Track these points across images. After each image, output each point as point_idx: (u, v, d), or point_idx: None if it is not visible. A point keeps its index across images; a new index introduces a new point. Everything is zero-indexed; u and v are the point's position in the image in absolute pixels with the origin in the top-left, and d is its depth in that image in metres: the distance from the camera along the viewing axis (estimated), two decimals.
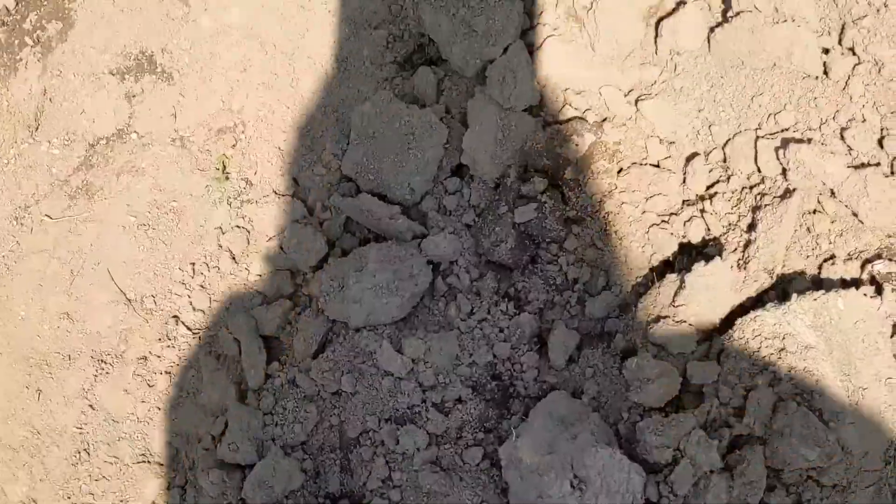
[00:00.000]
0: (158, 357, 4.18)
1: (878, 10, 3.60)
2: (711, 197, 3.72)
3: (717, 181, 3.75)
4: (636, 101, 3.86)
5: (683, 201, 3.77)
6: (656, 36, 3.80)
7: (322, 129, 4.25)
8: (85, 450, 4.11)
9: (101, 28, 4.60)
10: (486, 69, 3.93)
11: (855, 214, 3.55)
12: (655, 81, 3.85)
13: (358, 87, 4.23)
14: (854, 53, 3.62)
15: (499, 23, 3.84)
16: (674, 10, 3.84)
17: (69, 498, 4.08)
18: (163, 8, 4.53)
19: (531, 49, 3.95)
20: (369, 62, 4.24)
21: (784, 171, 3.58)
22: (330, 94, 4.28)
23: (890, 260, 3.50)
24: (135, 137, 4.48)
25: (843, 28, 3.64)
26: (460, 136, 3.99)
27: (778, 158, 3.59)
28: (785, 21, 3.63)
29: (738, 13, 3.68)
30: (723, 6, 3.82)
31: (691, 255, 3.75)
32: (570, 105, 3.92)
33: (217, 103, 4.40)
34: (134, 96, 4.52)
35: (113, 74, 4.54)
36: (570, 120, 3.90)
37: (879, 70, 3.59)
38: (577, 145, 3.76)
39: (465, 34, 3.86)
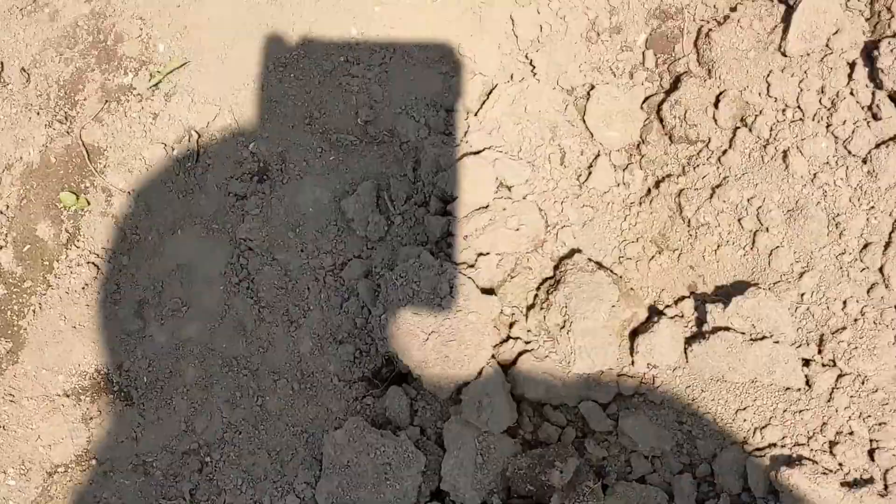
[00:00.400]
0: None
1: (854, 321, 3.68)
2: None
3: (707, 498, 3.75)
4: (616, 416, 3.86)
5: None
6: (632, 350, 3.84)
7: (291, 452, 4.25)
8: None
9: (53, 346, 4.61)
10: (461, 392, 3.92)
11: None
12: (634, 394, 3.88)
13: (327, 406, 4.26)
14: (836, 365, 3.67)
15: (471, 349, 3.87)
16: (648, 322, 3.89)
17: None
18: (117, 323, 4.54)
19: (505, 365, 3.96)
20: (337, 378, 4.28)
21: (776, 493, 3.59)
22: (297, 412, 4.31)
23: None
24: (94, 464, 4.45)
25: (821, 339, 3.71)
26: (438, 457, 4.00)
27: (769, 479, 3.59)
28: (763, 338, 3.68)
29: (714, 329, 3.74)
30: (696, 315, 3.86)
31: None
32: (549, 421, 3.97)
33: (179, 424, 4.40)
34: (91, 419, 4.51)
35: (68, 396, 4.54)
36: (549, 443, 3.89)
37: (863, 382, 3.66)
38: (560, 472, 3.78)
39: (437, 359, 3.89)
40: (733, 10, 4.15)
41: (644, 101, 4.21)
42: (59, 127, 4.85)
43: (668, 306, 3.98)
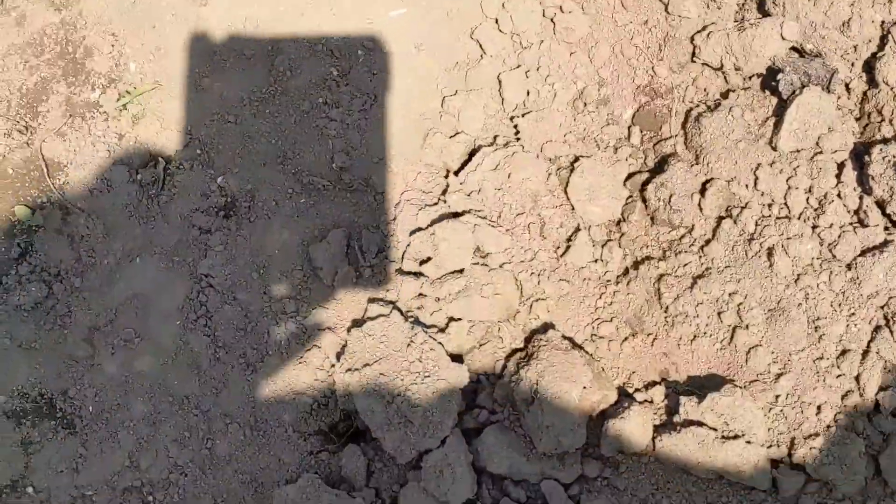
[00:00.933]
0: None
1: (827, 427, 3.36)
2: None
3: None
4: (578, 498, 3.31)
5: None
6: (600, 432, 3.23)
7: (239, 501, 3.65)
8: None
9: None
10: (422, 458, 3.28)
11: None
12: (598, 477, 3.31)
13: (279, 456, 3.62)
14: (804, 470, 3.15)
15: (437, 415, 3.28)
16: (617, 406, 3.31)
17: None
18: (65, 347, 3.79)
19: (468, 434, 3.33)
20: (292, 429, 3.63)
21: None
22: (248, 460, 3.67)
23: None
24: (31, 492, 3.78)
25: (792, 443, 3.18)
26: None
27: None
28: (735, 437, 3.11)
29: (685, 422, 3.18)
30: (666, 403, 3.27)
31: None
32: (509, 496, 3.50)
33: (123, 460, 3.70)
34: (31, 444, 3.77)
35: (8, 417, 3.79)
36: None
37: (830, 490, 3.18)
38: None
39: (401, 423, 3.25)
40: (724, 96, 3.59)
41: (627, 179, 3.58)
42: (19, 137, 4.06)
43: (637, 390, 3.45)
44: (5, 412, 3.99)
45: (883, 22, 3.58)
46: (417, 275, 3.73)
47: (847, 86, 3.65)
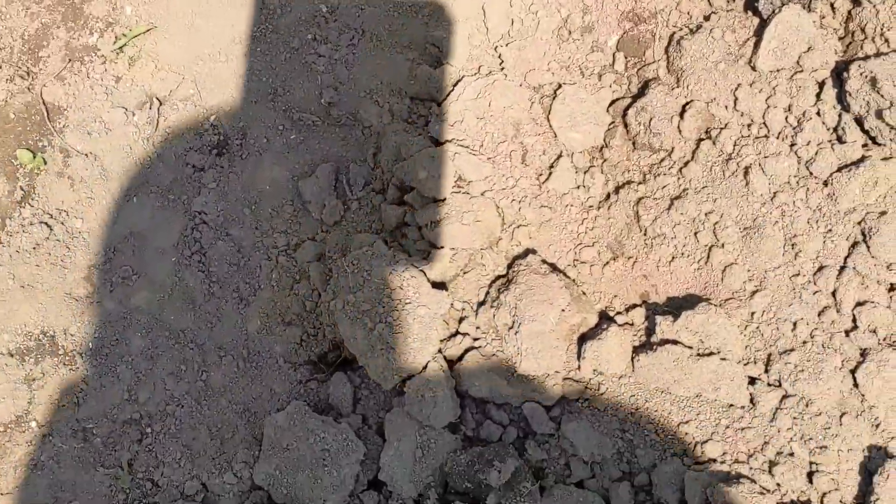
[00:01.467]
0: None
1: (803, 343, 3.40)
2: None
3: None
4: (559, 420, 3.54)
5: None
6: (579, 354, 3.50)
7: (232, 430, 3.92)
8: None
9: (0, 304, 4.16)
10: (405, 384, 3.58)
11: None
12: (578, 399, 3.57)
13: (271, 386, 3.93)
14: (781, 386, 3.38)
15: (417, 342, 3.52)
16: (597, 328, 3.57)
17: None
18: (65, 286, 4.15)
19: (451, 360, 3.62)
20: (282, 360, 3.93)
21: None
22: (241, 391, 3.97)
23: None
24: (34, 426, 4.07)
25: (769, 359, 3.41)
26: (378, 447, 3.71)
27: (706, 496, 3.29)
28: (710, 354, 3.37)
29: (662, 341, 3.43)
30: (646, 325, 3.53)
31: None
32: (492, 420, 3.67)
33: (122, 393, 4.04)
34: (34, 380, 4.14)
35: (12, 355, 4.16)
36: (490, 442, 3.57)
37: (807, 405, 3.38)
38: (499, 471, 3.46)
39: (383, 350, 3.54)
40: (707, 18, 3.77)
41: (610, 105, 3.86)
42: (21, 83, 4.42)
43: (618, 313, 3.67)
44: (9, 350, 4.38)
45: None
46: (401, 204, 4.04)
47: (832, 5, 3.85)
